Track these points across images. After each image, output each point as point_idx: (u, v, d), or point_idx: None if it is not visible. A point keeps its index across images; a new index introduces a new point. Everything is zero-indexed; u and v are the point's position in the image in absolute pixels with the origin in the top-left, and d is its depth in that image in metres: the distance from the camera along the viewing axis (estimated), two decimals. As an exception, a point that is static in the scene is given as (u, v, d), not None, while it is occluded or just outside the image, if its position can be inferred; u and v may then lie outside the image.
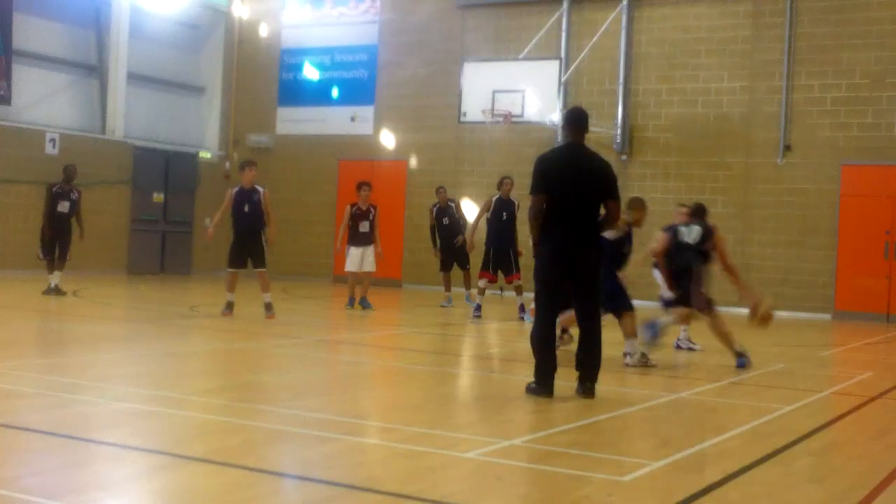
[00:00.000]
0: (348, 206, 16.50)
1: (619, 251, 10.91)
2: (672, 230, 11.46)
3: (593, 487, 5.36)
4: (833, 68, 19.82)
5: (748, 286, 11.98)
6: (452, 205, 18.70)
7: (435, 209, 18.47)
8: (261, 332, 12.56)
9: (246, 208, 13.94)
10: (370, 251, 16.29)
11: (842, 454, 6.70)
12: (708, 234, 11.25)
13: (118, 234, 23.14)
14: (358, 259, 16.25)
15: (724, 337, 11.03)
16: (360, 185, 16.51)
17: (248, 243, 14.05)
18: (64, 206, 16.96)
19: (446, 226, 18.28)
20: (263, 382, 8.86)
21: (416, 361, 10.87)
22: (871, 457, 6.61)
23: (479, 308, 15.88)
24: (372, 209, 16.23)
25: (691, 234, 11.28)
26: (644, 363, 10.58)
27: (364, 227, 16.11)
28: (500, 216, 16.18)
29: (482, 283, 16.03)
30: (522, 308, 15.65)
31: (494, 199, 16.45)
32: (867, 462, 6.41)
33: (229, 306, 14.07)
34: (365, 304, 16.22)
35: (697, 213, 11.68)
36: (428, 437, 6.45)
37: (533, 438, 6.68)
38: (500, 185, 16.62)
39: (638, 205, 11.26)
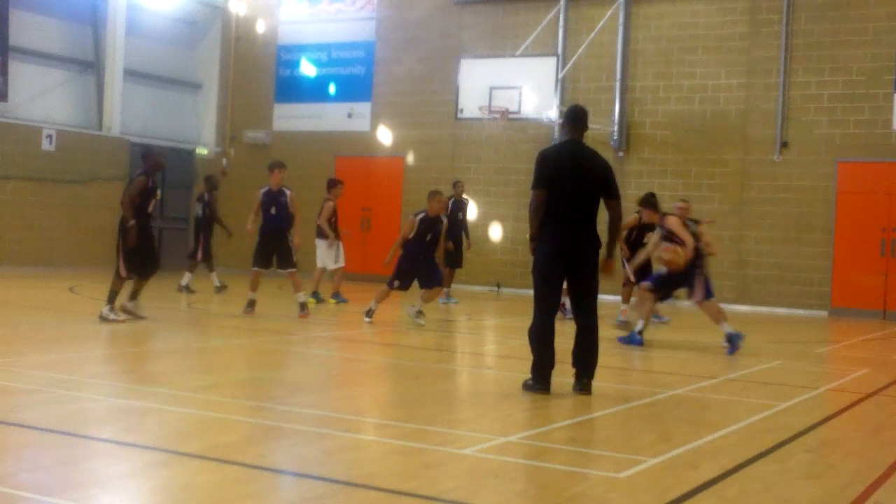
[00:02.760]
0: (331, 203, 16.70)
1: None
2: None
3: (590, 484, 5.36)
4: (830, 65, 19.83)
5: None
6: (467, 201, 18.65)
7: (451, 202, 18.09)
8: (257, 329, 12.56)
9: (273, 210, 13.93)
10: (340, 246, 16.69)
11: (838, 451, 6.71)
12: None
13: (115, 230, 22.96)
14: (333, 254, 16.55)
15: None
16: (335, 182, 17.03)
17: (275, 244, 13.97)
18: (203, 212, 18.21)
19: (460, 221, 18.17)
20: (260, 379, 8.86)
21: (413, 358, 10.88)
22: (867, 453, 6.62)
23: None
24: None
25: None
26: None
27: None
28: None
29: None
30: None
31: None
32: (863, 459, 6.42)
33: (251, 304, 14.06)
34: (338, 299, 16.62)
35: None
36: (425, 433, 6.46)
37: (530, 435, 6.68)
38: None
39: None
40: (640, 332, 12.20)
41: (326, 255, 16.55)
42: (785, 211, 20.07)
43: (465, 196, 18.51)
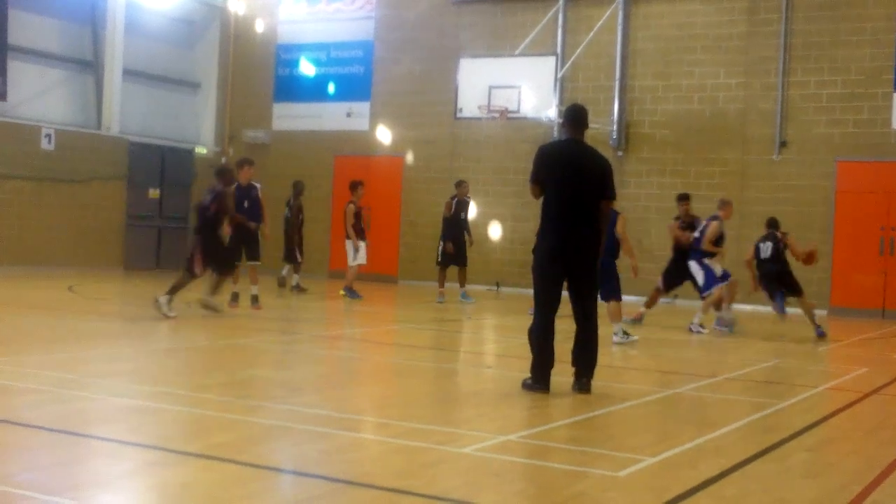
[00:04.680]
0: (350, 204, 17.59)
1: (617, 242, 12.04)
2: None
3: (589, 483, 5.37)
4: (828, 65, 19.83)
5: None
6: (469, 200, 18.72)
7: (454, 202, 18.18)
8: (257, 329, 12.57)
9: (246, 204, 14.42)
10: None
11: (837, 450, 6.72)
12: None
13: (114, 230, 23.12)
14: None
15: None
16: (356, 185, 17.80)
17: (246, 237, 14.43)
18: (301, 217, 19.23)
19: (463, 220, 18.25)
20: (260, 378, 8.87)
21: (413, 357, 10.89)
22: (866, 453, 6.63)
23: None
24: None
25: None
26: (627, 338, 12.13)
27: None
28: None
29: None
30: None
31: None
32: (862, 458, 6.43)
33: (235, 297, 14.45)
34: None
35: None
36: (424, 432, 6.46)
37: (529, 434, 6.69)
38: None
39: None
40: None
41: (354, 253, 17.57)
42: (784, 210, 20.02)
43: (467, 196, 18.53)
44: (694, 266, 14.60)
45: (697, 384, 9.39)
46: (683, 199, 15.57)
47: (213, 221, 13.48)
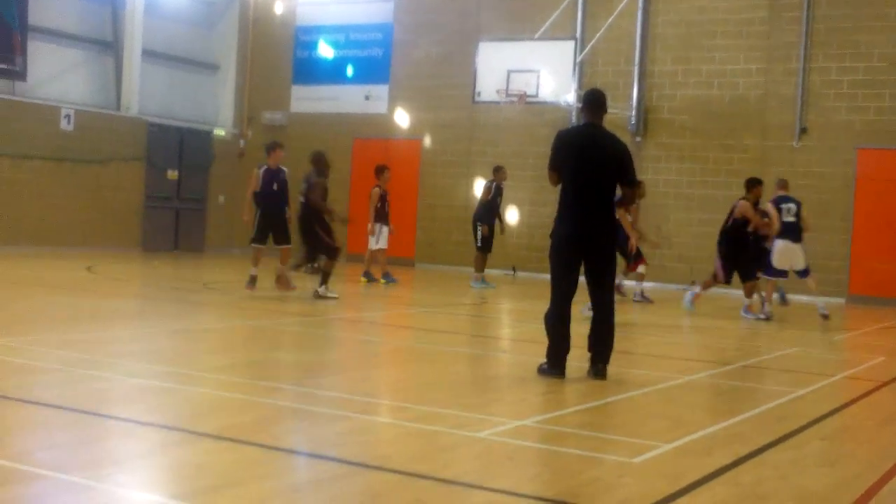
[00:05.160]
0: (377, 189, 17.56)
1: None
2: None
3: (604, 469, 5.37)
4: (850, 51, 19.67)
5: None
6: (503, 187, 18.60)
7: (493, 186, 18.12)
8: (275, 310, 12.60)
9: (275, 186, 14.44)
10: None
11: (853, 439, 6.70)
12: None
13: (132, 211, 23.20)
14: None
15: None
16: (381, 169, 17.74)
17: (275, 220, 14.45)
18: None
19: (498, 205, 18.25)
20: (277, 360, 8.90)
21: (429, 341, 10.90)
22: (881, 442, 6.60)
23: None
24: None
25: None
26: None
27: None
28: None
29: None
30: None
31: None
32: (878, 447, 6.41)
33: (252, 280, 14.33)
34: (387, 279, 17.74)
35: None
36: (440, 416, 6.47)
37: (544, 419, 6.69)
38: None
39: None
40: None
41: (378, 237, 17.64)
42: (803, 197, 19.79)
43: (503, 181, 18.46)
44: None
45: (713, 371, 9.37)
46: (755, 183, 15.04)
47: (307, 209, 14.16)
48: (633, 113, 21.14)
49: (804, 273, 15.02)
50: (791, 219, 14.67)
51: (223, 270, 19.51)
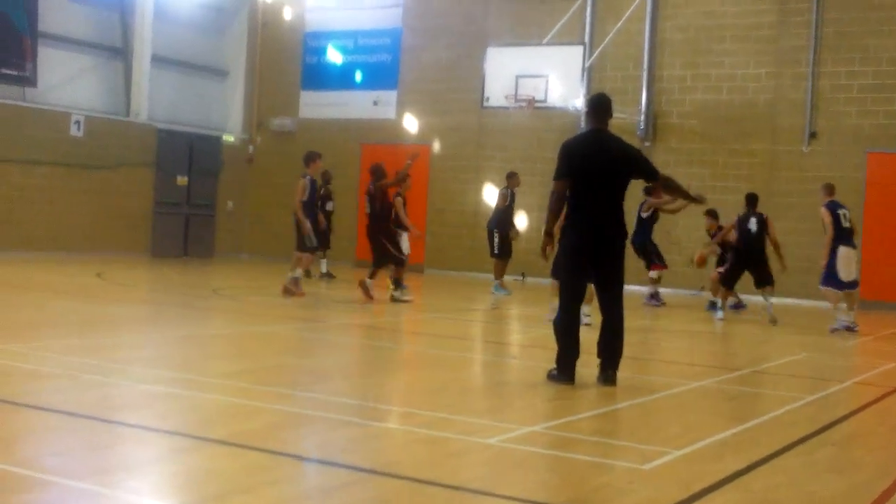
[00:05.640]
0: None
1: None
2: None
3: (614, 475, 5.35)
4: (860, 55, 19.62)
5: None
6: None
7: (509, 193, 18.23)
8: (283, 316, 12.60)
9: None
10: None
11: (864, 445, 6.66)
12: None
13: (142, 216, 23.24)
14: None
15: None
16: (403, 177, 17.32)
17: (298, 227, 14.88)
18: (330, 206, 19.30)
19: (513, 211, 18.33)
20: (286, 366, 8.90)
21: (438, 346, 10.89)
22: (892, 448, 6.57)
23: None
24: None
25: None
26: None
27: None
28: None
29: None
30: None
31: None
32: (889, 453, 6.38)
33: (298, 282, 14.78)
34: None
35: None
36: (449, 422, 6.46)
37: (554, 425, 6.67)
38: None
39: None
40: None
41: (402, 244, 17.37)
42: (813, 202, 19.79)
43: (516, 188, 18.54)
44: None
45: (724, 377, 9.34)
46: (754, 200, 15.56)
47: (374, 220, 14.78)
48: (642, 118, 21.12)
49: (854, 285, 14.45)
50: (848, 224, 14.21)
51: (232, 276, 19.54)
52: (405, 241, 17.55)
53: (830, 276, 14.01)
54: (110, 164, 22.47)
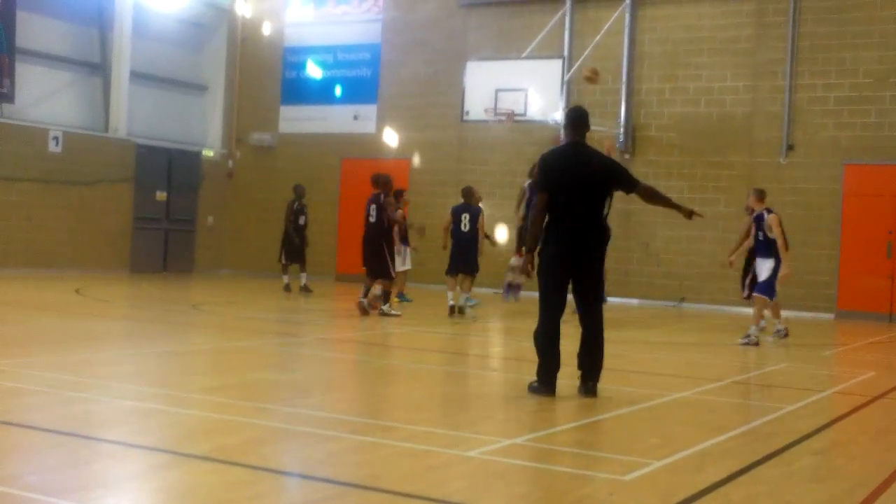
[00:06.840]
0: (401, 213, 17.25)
1: None
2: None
3: (595, 486, 5.36)
4: (836, 68, 19.80)
5: None
6: None
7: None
8: (263, 331, 12.57)
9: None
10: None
11: (844, 454, 6.70)
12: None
13: (121, 232, 23.15)
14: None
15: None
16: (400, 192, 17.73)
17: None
18: (302, 220, 19.44)
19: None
20: (266, 381, 8.87)
21: (419, 360, 10.88)
22: (873, 457, 6.61)
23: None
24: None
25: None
26: None
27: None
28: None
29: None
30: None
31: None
32: (869, 462, 6.41)
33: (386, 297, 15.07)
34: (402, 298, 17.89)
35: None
36: (430, 435, 6.46)
37: (535, 437, 6.68)
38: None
39: None
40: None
41: (404, 258, 17.80)
42: (791, 213, 19.98)
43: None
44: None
45: (703, 388, 9.37)
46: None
47: (378, 231, 14.82)
48: (621, 131, 21.22)
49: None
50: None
51: (212, 292, 19.47)
52: (408, 257, 17.73)
53: (771, 286, 13.58)
54: (89, 179, 22.39)
